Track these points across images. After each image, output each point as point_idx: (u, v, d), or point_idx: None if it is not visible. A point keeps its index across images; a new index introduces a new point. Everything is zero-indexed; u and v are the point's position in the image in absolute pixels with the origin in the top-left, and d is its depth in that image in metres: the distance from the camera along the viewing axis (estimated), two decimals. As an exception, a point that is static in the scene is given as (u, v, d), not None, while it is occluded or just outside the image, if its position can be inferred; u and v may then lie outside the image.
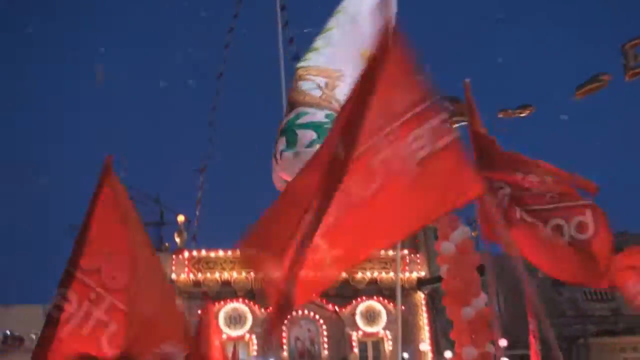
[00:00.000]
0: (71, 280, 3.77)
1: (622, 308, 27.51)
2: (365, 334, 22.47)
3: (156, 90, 72.29)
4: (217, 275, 22.77)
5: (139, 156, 77.48)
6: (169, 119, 74.88)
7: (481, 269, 12.18)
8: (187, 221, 24.93)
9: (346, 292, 21.95)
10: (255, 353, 21.82)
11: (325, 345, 22.44)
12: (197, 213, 27.38)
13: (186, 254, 23.06)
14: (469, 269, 12.28)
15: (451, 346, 13.09)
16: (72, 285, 3.79)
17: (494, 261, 5.72)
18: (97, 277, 3.79)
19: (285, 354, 21.64)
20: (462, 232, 12.71)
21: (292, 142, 7.61)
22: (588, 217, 4.84)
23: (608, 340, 26.52)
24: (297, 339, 22.37)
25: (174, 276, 22.41)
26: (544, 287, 26.57)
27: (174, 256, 22.98)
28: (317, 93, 7.82)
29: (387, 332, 22.12)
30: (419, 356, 22.11)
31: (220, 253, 23.28)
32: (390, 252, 20.24)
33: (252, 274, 22.63)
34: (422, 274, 23.11)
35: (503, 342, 9.86)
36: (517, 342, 13.56)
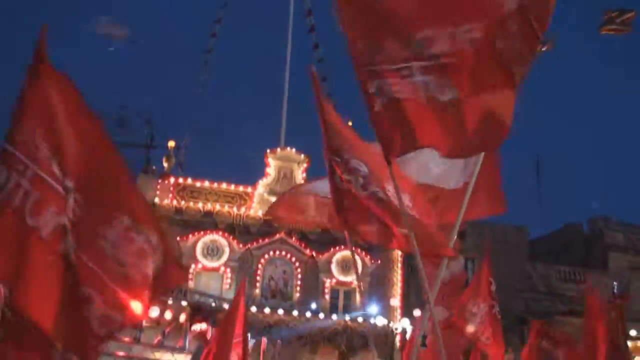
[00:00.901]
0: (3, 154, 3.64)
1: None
2: (339, 282, 22.70)
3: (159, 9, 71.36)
4: (200, 205, 22.81)
5: (137, 76, 77.11)
6: (170, 41, 73.79)
7: (462, 234, 12.17)
8: (177, 147, 24.83)
9: (325, 239, 22.04)
10: (228, 286, 22.04)
11: (298, 288, 22.67)
12: (186, 141, 27.21)
13: (172, 180, 23.03)
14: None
15: (421, 305, 13.24)
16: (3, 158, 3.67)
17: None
18: (24, 148, 3.64)
19: (257, 291, 21.85)
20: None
21: None
22: None
23: (574, 321, 26.93)
24: (271, 278, 22.56)
25: (157, 200, 22.43)
26: (520, 261, 26.88)
27: (159, 180, 22.94)
28: None
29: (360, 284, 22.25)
30: (389, 311, 22.42)
31: (206, 184, 23.29)
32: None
33: (234, 208, 22.75)
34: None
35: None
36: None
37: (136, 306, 3.66)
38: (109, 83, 59.16)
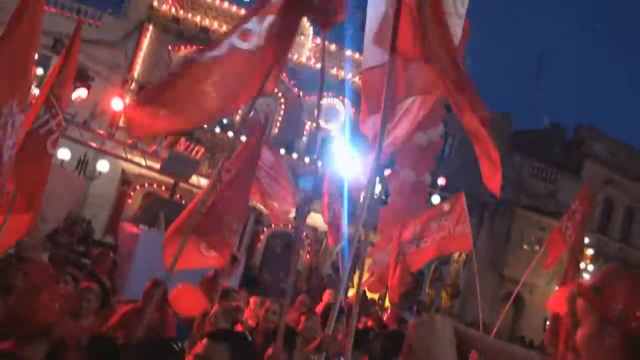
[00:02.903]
0: None
1: (558, 193, 28.61)
2: (319, 127, 22.70)
3: None
4: (198, 18, 22.14)
5: None
6: None
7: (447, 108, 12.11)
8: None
9: (315, 81, 21.77)
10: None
11: (278, 124, 22.75)
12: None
13: (174, -15, 22.17)
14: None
15: (392, 166, 13.37)
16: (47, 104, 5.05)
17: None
18: (59, 101, 5.15)
19: (237, 117, 21.82)
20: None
21: None
22: None
23: (533, 216, 27.84)
24: (254, 110, 22.49)
25: (155, 4, 21.71)
26: (499, 148, 27.12)
27: (161, -17, 22.08)
28: None
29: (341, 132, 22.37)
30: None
31: (209, -2, 22.52)
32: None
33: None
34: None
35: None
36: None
37: None
38: None
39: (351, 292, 10.14)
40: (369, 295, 13.63)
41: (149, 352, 2.42)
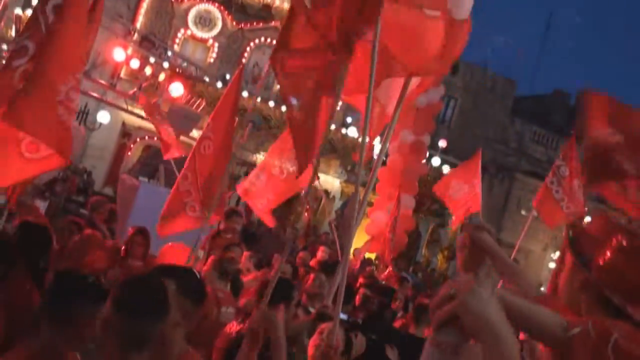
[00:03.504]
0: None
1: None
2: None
3: None
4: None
5: None
6: None
7: (454, 68, 12.06)
8: None
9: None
10: (212, 60, 21.83)
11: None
12: None
13: None
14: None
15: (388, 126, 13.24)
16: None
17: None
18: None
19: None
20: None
21: None
22: None
23: (532, 181, 27.85)
24: (256, 65, 22.34)
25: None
26: (501, 112, 27.02)
27: None
28: None
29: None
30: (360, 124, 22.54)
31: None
32: None
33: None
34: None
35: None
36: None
37: None
38: None
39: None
40: (366, 255, 13.75)
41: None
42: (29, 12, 16.20)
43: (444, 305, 1.39)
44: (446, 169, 20.31)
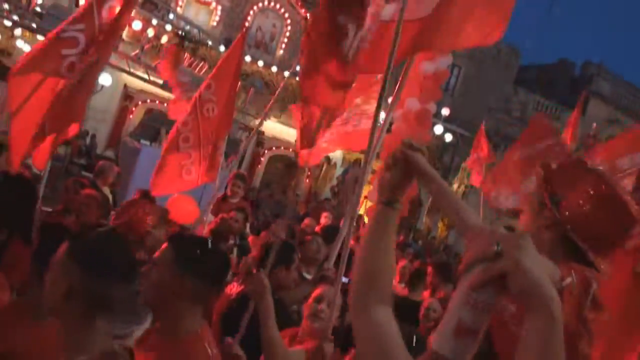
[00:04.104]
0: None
1: (561, 130, 28.47)
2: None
3: None
4: None
5: None
6: None
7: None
8: None
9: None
10: (214, 24, 21.61)
11: (283, 46, 22.40)
12: None
13: None
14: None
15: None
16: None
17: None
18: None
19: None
20: None
21: None
22: None
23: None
24: (259, 29, 22.14)
25: None
26: (505, 81, 26.85)
27: None
28: None
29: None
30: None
31: None
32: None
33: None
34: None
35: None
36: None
37: None
38: None
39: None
40: (366, 221, 13.79)
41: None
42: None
43: (485, 262, 1.21)
44: (448, 137, 20.25)
